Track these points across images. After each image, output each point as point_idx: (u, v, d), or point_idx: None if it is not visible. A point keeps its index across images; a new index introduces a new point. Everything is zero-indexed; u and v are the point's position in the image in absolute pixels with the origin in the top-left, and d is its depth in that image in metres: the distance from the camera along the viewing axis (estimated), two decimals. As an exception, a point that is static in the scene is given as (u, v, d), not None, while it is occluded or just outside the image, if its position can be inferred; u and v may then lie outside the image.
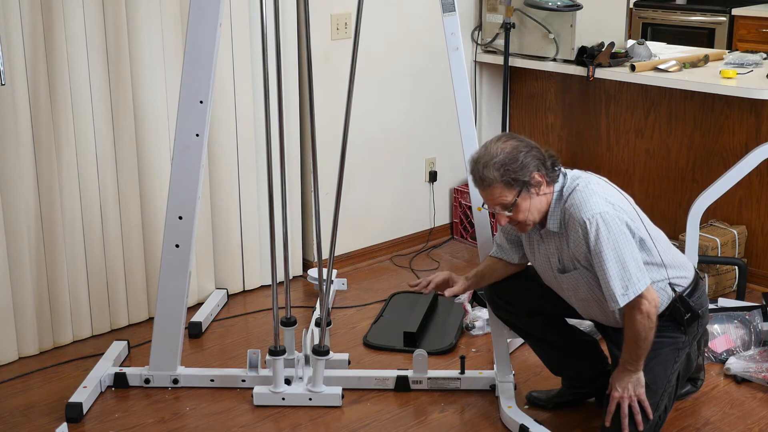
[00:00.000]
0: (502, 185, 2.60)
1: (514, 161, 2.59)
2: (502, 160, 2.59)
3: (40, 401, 3.23)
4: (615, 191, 2.72)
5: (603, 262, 2.56)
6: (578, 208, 2.60)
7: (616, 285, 2.56)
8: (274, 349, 3.13)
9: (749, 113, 3.98)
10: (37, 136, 3.39)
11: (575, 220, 2.60)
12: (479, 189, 2.68)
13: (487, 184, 2.62)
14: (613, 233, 2.56)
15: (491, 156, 2.60)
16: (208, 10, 2.92)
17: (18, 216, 3.38)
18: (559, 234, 2.70)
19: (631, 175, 4.46)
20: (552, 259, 2.77)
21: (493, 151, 2.61)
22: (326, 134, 4.04)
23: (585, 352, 3.07)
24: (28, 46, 3.30)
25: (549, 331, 3.01)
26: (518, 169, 2.59)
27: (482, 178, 2.62)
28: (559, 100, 4.70)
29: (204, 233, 3.92)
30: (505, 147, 2.61)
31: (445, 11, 2.99)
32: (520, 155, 2.59)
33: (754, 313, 3.46)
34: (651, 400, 2.71)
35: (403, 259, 4.55)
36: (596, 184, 2.67)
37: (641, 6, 6.33)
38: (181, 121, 3.02)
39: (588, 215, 2.57)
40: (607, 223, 2.56)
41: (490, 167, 2.59)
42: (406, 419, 3.12)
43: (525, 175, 2.59)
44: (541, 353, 3.11)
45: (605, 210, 2.58)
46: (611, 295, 2.58)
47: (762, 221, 4.07)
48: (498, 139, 2.66)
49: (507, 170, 2.58)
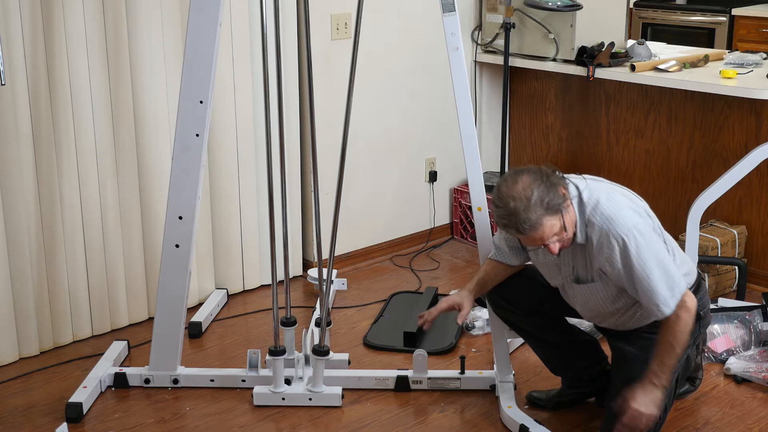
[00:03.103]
0: (548, 217, 2.53)
1: (546, 190, 2.53)
2: (538, 195, 2.52)
3: (40, 401, 3.23)
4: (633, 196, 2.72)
5: (648, 273, 2.55)
6: (612, 223, 2.57)
7: (664, 290, 2.56)
8: (274, 349, 3.13)
9: (749, 113, 3.98)
10: (37, 135, 3.39)
11: (611, 236, 2.57)
12: (527, 235, 2.56)
13: (537, 225, 2.53)
14: (650, 242, 2.57)
15: (524, 199, 2.51)
16: (208, 10, 2.92)
17: (18, 216, 3.38)
18: (582, 245, 2.66)
19: (631, 175, 4.46)
20: (564, 268, 2.76)
21: (521, 195, 2.52)
22: (326, 134, 4.03)
23: (585, 351, 3.07)
24: (28, 46, 3.30)
25: (549, 331, 3.01)
26: (553, 194, 2.54)
27: (529, 224, 2.52)
28: (559, 100, 4.70)
29: (204, 233, 3.92)
30: (526, 183, 2.54)
31: (445, 11, 2.99)
32: (543, 181, 2.54)
33: (754, 313, 3.46)
34: None
35: (403, 259, 4.55)
36: (620, 194, 2.66)
37: (641, 6, 6.33)
38: (181, 121, 3.02)
39: (624, 230, 2.55)
40: (642, 234, 2.56)
41: (531, 209, 2.51)
42: (406, 419, 3.12)
43: (558, 195, 2.55)
44: (541, 353, 3.11)
45: (637, 221, 2.58)
46: (662, 300, 2.56)
47: (762, 221, 4.07)
48: (513, 183, 2.56)
49: (546, 202, 2.52)
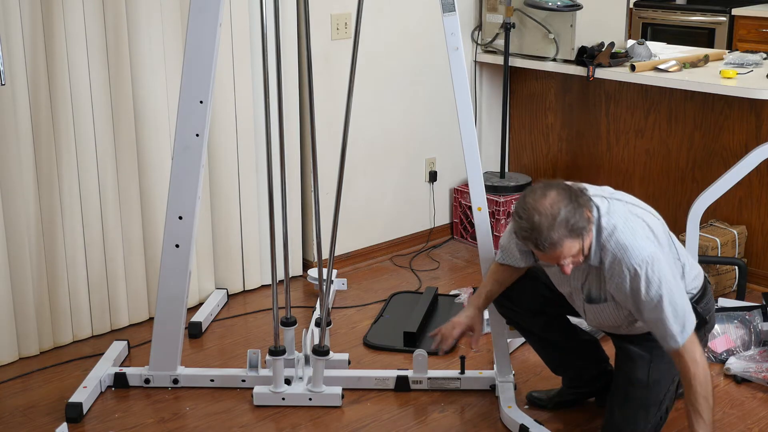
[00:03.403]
0: (570, 239, 2.48)
1: (573, 212, 2.47)
2: (565, 216, 2.45)
3: (40, 401, 3.23)
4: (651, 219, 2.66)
5: (657, 306, 2.51)
6: (625, 252, 2.52)
7: (673, 325, 2.52)
8: (274, 349, 3.13)
9: (749, 113, 3.98)
10: (37, 136, 3.39)
11: (623, 265, 2.53)
12: (546, 252, 2.51)
13: (557, 245, 2.48)
14: (663, 275, 2.51)
15: (550, 216, 2.45)
16: (208, 10, 2.92)
17: (18, 216, 3.38)
18: (598, 266, 2.61)
19: (631, 175, 4.46)
20: (575, 284, 2.74)
21: (548, 211, 2.46)
22: (326, 134, 4.04)
23: (586, 351, 3.07)
24: (28, 46, 3.30)
25: (551, 331, 3.01)
26: (579, 216, 2.48)
27: (550, 242, 2.47)
28: (559, 100, 4.70)
29: (204, 233, 3.92)
30: (554, 199, 2.47)
31: (445, 11, 2.99)
32: (571, 202, 2.48)
33: (754, 313, 3.46)
34: (654, 399, 2.71)
35: (403, 259, 4.55)
36: (634, 219, 2.59)
37: (641, 6, 6.33)
38: (181, 121, 3.02)
39: (637, 261, 2.50)
40: (655, 266, 2.50)
41: (555, 228, 2.45)
42: (406, 419, 3.12)
43: (583, 218, 2.49)
44: (542, 352, 3.11)
45: (652, 252, 2.52)
46: (670, 335, 2.53)
47: (762, 221, 4.07)
48: (541, 196, 2.50)
49: (571, 223, 2.46)
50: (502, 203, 4.51)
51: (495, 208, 4.49)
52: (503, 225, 4.51)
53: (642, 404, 2.73)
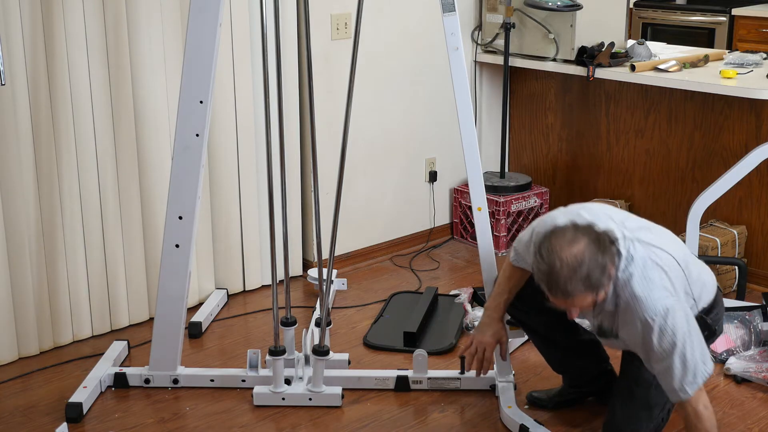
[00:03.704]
0: (585, 294, 2.43)
1: (596, 268, 2.40)
2: (586, 272, 2.39)
3: (40, 401, 3.23)
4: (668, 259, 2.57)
5: (668, 360, 2.46)
6: (639, 303, 2.47)
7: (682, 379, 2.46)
8: (274, 349, 3.13)
9: (749, 113, 3.98)
10: (37, 136, 3.39)
11: (636, 315, 2.48)
12: (557, 299, 2.46)
13: (570, 296, 2.43)
14: (679, 328, 2.45)
15: (572, 268, 2.38)
16: (208, 10, 2.92)
17: (18, 216, 3.38)
18: (613, 310, 2.57)
19: (631, 175, 4.46)
20: (588, 316, 2.71)
21: (571, 262, 2.38)
22: (326, 134, 4.04)
23: (588, 351, 3.07)
24: (28, 46, 3.30)
25: (555, 330, 3.00)
26: (600, 274, 2.41)
27: (563, 293, 2.42)
28: (559, 100, 4.70)
29: (204, 233, 3.92)
30: (580, 251, 2.39)
31: (445, 11, 2.99)
32: (598, 258, 2.40)
33: (754, 313, 3.46)
34: (658, 400, 2.70)
35: (403, 259, 4.55)
36: (652, 268, 2.52)
37: (641, 6, 6.33)
38: (181, 121, 3.02)
39: (651, 314, 2.45)
40: (669, 320, 2.44)
41: (573, 282, 2.39)
42: (406, 419, 3.12)
43: (606, 275, 2.43)
44: (545, 351, 3.11)
45: (666, 304, 2.46)
46: (679, 387, 2.47)
47: (762, 221, 4.07)
48: (569, 243, 2.41)
49: (591, 281, 2.40)
50: (502, 203, 4.51)
51: (495, 208, 4.49)
52: (503, 225, 4.51)
53: (646, 404, 2.72)
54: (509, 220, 4.55)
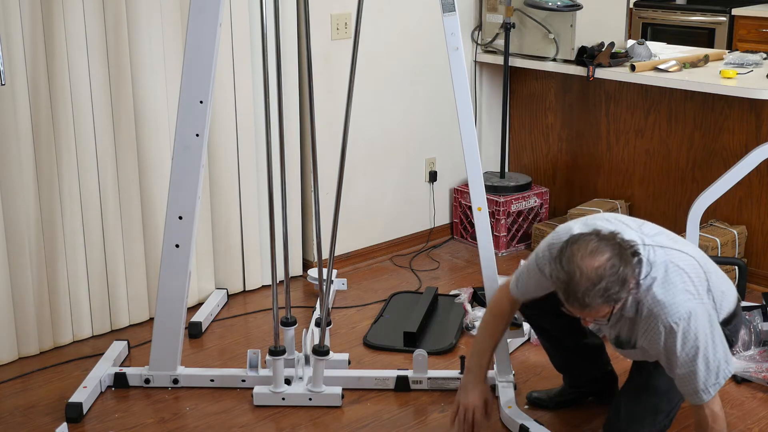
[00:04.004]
0: (602, 305, 2.39)
1: (616, 282, 2.35)
2: (606, 286, 2.34)
3: (40, 401, 3.23)
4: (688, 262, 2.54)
5: (692, 364, 2.42)
6: (663, 308, 2.42)
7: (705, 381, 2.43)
8: (274, 349, 3.13)
9: (749, 113, 3.98)
10: (37, 136, 3.39)
11: (659, 321, 2.43)
12: (573, 307, 2.42)
13: (587, 307, 2.39)
14: (702, 331, 2.41)
15: (591, 281, 2.34)
16: (208, 10, 2.92)
17: (18, 216, 3.38)
18: (632, 317, 2.52)
19: (631, 175, 4.46)
20: (604, 328, 2.66)
21: (591, 274, 2.34)
22: (326, 134, 4.03)
23: (592, 354, 3.08)
24: (28, 46, 3.30)
25: (563, 332, 2.99)
26: (619, 287, 2.37)
27: (580, 304, 2.39)
28: (559, 100, 4.70)
29: (204, 233, 3.92)
30: (602, 264, 2.34)
31: (445, 11, 2.99)
32: (619, 272, 2.35)
33: (754, 313, 3.46)
34: (665, 407, 2.69)
35: (403, 259, 4.55)
36: (674, 271, 2.47)
37: (641, 6, 6.33)
38: (181, 121, 3.02)
39: (675, 318, 2.40)
40: (692, 323, 2.40)
41: (591, 294, 2.35)
42: (406, 419, 3.12)
43: (625, 289, 2.39)
44: (550, 349, 3.10)
45: (690, 308, 2.42)
46: (701, 390, 2.44)
47: (762, 221, 4.07)
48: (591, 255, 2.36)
49: (610, 293, 2.36)
50: (502, 203, 4.51)
51: (495, 208, 4.49)
52: (503, 225, 4.51)
53: (652, 410, 2.70)
54: (509, 220, 4.55)
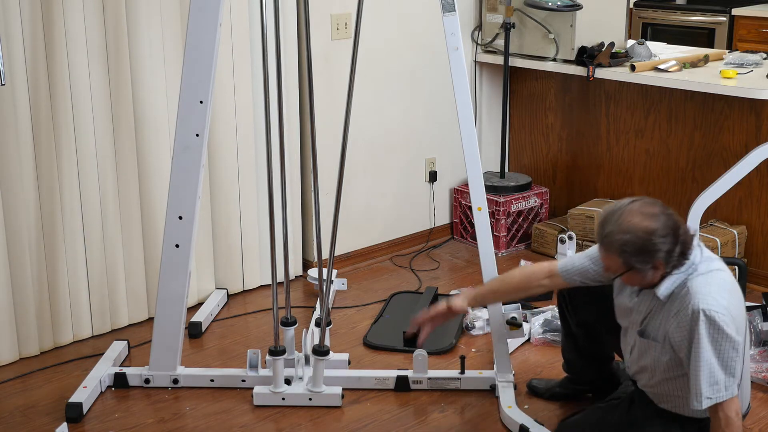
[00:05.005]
0: (618, 259, 2.42)
1: (641, 250, 2.38)
2: (630, 241, 2.38)
3: (40, 401, 3.23)
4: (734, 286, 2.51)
5: (700, 359, 2.39)
6: (696, 294, 2.41)
7: (705, 386, 2.40)
8: (274, 349, 3.13)
9: (749, 113, 3.98)
10: (37, 136, 3.39)
11: (689, 305, 2.41)
12: (597, 239, 2.48)
13: (604, 246, 2.45)
14: (721, 334, 2.38)
15: (622, 230, 2.38)
16: (208, 10, 2.92)
17: (18, 216, 3.38)
18: (663, 302, 2.51)
19: (631, 175, 4.46)
20: (635, 315, 2.63)
21: (626, 226, 2.38)
22: (326, 134, 4.03)
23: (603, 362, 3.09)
24: (28, 46, 3.30)
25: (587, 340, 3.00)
26: (641, 258, 2.39)
27: (603, 239, 2.44)
28: (559, 100, 4.70)
29: (204, 233, 3.92)
30: (641, 227, 2.37)
31: (445, 11, 2.99)
32: (650, 244, 2.37)
33: (754, 313, 3.46)
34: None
35: (403, 259, 4.55)
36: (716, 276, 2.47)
37: (641, 6, 6.33)
38: (181, 121, 3.02)
39: (704, 305, 2.38)
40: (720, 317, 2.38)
41: (613, 239, 2.40)
42: (406, 419, 3.12)
43: (645, 263, 2.40)
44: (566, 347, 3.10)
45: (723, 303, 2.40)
46: (697, 393, 2.41)
47: (762, 221, 4.07)
48: (639, 211, 2.40)
49: (628, 253, 2.39)
50: (502, 203, 4.51)
51: (495, 208, 4.49)
52: (503, 225, 4.51)
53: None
54: (509, 220, 4.55)
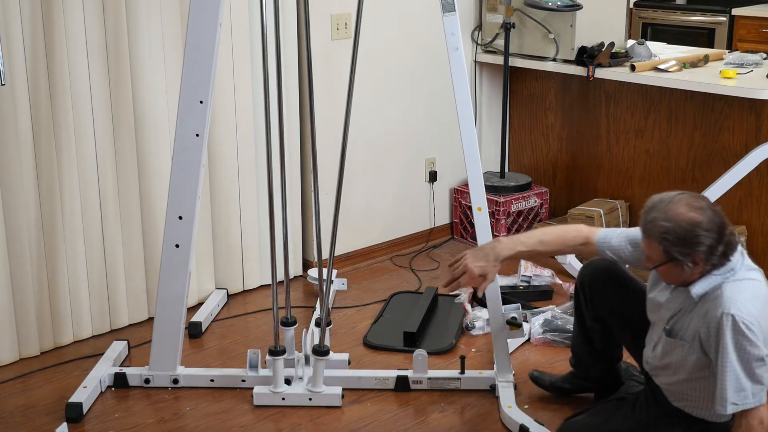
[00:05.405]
0: (659, 246, 2.41)
1: (683, 241, 2.37)
2: (672, 230, 2.37)
3: (40, 401, 3.23)
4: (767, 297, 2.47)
5: (726, 364, 2.36)
6: (728, 299, 2.38)
7: (730, 390, 2.37)
8: (274, 349, 3.13)
9: (749, 113, 3.98)
10: (37, 136, 3.39)
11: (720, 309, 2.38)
12: (640, 225, 2.49)
13: (646, 232, 2.45)
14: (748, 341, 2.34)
15: (666, 217, 2.39)
16: (208, 10, 2.92)
17: (18, 216, 3.38)
18: (695, 302, 2.48)
19: (631, 175, 4.46)
20: (664, 314, 2.59)
21: (671, 214, 2.39)
22: (326, 134, 4.03)
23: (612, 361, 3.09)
24: (28, 46, 3.30)
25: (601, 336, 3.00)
26: (681, 249, 2.38)
27: (646, 224, 2.44)
28: (559, 100, 4.70)
29: (204, 233, 3.92)
30: (686, 217, 2.37)
31: (445, 11, 2.99)
32: (692, 235, 2.36)
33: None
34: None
35: (403, 259, 4.55)
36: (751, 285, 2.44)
37: (641, 6, 6.33)
38: (181, 121, 3.02)
39: (734, 310, 2.35)
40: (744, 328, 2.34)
41: (656, 225, 2.40)
42: (406, 419, 3.12)
43: (686, 255, 2.39)
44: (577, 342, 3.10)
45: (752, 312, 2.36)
46: (723, 398, 2.38)
47: (762, 221, 4.07)
48: (687, 203, 2.40)
49: (668, 242, 2.38)
50: (502, 203, 4.51)
51: (495, 208, 4.49)
52: (503, 225, 4.51)
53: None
54: (509, 220, 4.55)
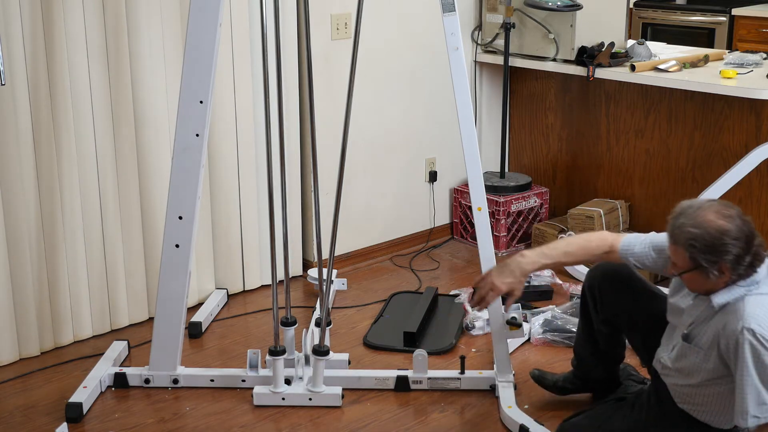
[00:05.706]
0: (685, 253, 2.39)
1: (709, 248, 2.35)
2: (699, 236, 2.35)
3: (40, 401, 3.23)
4: None
5: (744, 379, 2.33)
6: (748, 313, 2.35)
7: (751, 404, 2.34)
8: (274, 349, 3.13)
9: (749, 113, 3.98)
10: (37, 136, 3.39)
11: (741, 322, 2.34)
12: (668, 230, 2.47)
13: (673, 237, 2.43)
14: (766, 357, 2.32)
15: (694, 224, 2.37)
16: (208, 10, 2.92)
17: (18, 216, 3.38)
18: (715, 311, 2.44)
19: (631, 175, 4.46)
20: (686, 319, 2.55)
21: (699, 220, 2.37)
22: (326, 134, 4.03)
23: (615, 362, 3.09)
24: (28, 46, 3.30)
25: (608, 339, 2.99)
26: (708, 256, 2.35)
27: (673, 230, 2.42)
28: (559, 100, 4.70)
29: (204, 233, 3.92)
30: (714, 224, 2.35)
31: (445, 11, 2.99)
32: (719, 243, 2.34)
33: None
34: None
35: (403, 259, 4.55)
36: None
37: (641, 6, 6.33)
38: (181, 121, 3.02)
39: (754, 324, 2.32)
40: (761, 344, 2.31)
41: (683, 231, 2.38)
42: (406, 419, 3.12)
43: (712, 263, 2.36)
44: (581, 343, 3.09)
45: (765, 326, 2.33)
46: (743, 411, 2.36)
47: (762, 221, 4.06)
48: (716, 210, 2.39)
49: (695, 248, 2.36)
50: (502, 203, 4.51)
51: (495, 208, 4.49)
52: (503, 225, 4.51)
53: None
54: (509, 220, 4.55)
